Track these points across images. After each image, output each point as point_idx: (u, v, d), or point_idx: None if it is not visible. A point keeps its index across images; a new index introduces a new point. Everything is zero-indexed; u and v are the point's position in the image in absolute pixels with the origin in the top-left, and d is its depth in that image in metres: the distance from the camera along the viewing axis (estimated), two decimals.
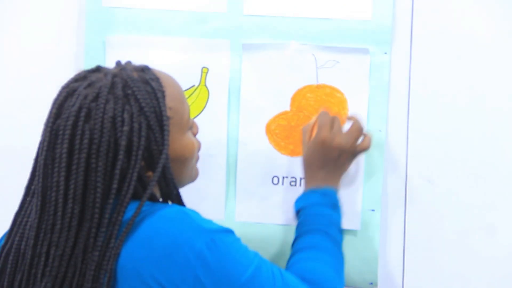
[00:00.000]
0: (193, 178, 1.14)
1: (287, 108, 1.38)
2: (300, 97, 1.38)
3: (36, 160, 1.00)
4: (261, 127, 1.38)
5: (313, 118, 1.28)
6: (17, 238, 0.98)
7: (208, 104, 1.38)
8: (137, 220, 0.93)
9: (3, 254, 0.99)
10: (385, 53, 1.36)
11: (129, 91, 0.97)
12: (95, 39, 1.40)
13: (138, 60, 1.07)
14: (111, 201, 0.93)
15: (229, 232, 0.96)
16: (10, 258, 0.97)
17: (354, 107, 1.37)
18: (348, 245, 1.34)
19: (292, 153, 1.38)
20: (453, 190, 1.38)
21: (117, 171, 0.93)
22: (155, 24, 1.39)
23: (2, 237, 1.05)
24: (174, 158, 1.02)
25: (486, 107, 1.37)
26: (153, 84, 0.99)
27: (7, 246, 0.99)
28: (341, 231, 1.17)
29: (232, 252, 0.93)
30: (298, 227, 1.16)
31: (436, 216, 1.38)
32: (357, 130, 1.24)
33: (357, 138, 1.24)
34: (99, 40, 1.40)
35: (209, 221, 0.95)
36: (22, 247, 0.96)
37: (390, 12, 1.35)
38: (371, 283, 1.36)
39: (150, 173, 0.98)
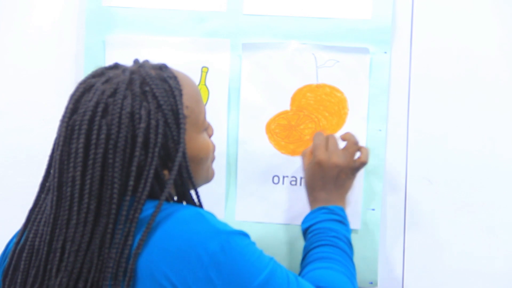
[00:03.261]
0: (209, 178, 1.13)
1: (287, 108, 1.38)
2: (300, 96, 1.38)
3: (51, 156, 0.99)
4: (261, 127, 1.38)
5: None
6: (31, 235, 0.97)
7: (208, 103, 1.38)
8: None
9: (16, 251, 0.98)
10: (385, 52, 1.36)
11: (147, 88, 0.96)
12: (95, 38, 1.40)
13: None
14: (128, 197, 0.92)
15: (244, 235, 0.95)
16: (24, 254, 0.96)
17: (354, 106, 1.37)
18: None
19: (292, 153, 1.37)
20: (453, 190, 1.38)
21: (134, 168, 0.92)
22: (155, 23, 1.39)
23: (14, 236, 1.05)
24: (189, 158, 1.01)
25: (487, 107, 1.37)
26: (171, 82, 0.99)
27: (21, 243, 0.98)
28: (350, 246, 1.15)
29: (246, 255, 0.92)
30: (307, 245, 1.15)
31: (436, 216, 1.38)
32: (353, 145, 1.24)
33: (353, 154, 1.24)
34: (99, 39, 1.40)
35: (225, 224, 0.94)
36: (36, 243, 0.96)
37: (390, 11, 1.35)
38: (371, 283, 1.36)
39: (166, 172, 0.97)
